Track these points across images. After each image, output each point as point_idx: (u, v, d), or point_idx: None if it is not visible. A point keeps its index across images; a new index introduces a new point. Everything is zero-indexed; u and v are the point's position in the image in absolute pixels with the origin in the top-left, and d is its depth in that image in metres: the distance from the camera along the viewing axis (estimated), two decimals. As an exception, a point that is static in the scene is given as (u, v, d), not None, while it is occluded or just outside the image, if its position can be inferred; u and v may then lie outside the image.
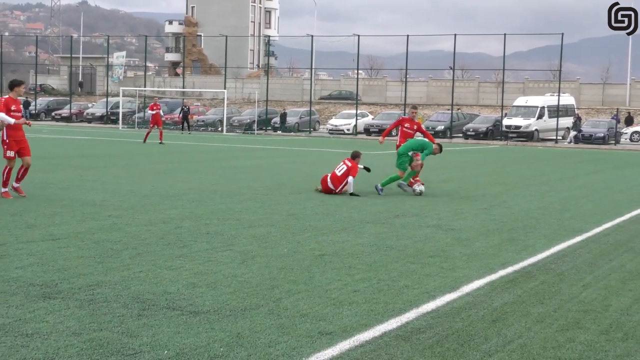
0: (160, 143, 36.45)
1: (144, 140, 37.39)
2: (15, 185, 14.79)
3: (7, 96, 14.88)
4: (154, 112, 37.75)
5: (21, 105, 15.20)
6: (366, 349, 6.06)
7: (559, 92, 55.01)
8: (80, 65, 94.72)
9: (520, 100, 56.71)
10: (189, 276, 8.35)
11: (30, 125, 15.44)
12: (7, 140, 14.75)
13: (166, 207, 13.97)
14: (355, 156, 17.16)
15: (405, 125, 19.08)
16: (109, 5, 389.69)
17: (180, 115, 57.15)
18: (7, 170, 14.73)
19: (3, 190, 14.59)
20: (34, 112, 70.31)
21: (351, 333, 6.44)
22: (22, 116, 15.00)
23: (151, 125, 38.21)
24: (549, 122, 54.00)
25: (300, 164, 27.00)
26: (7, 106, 14.59)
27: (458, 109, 61.97)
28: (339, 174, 16.74)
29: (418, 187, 17.29)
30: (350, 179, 16.66)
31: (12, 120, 14.43)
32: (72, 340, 5.99)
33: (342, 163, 16.95)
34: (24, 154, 14.92)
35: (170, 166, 24.13)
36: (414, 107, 20.27)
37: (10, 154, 14.79)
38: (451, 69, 61.52)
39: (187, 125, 55.13)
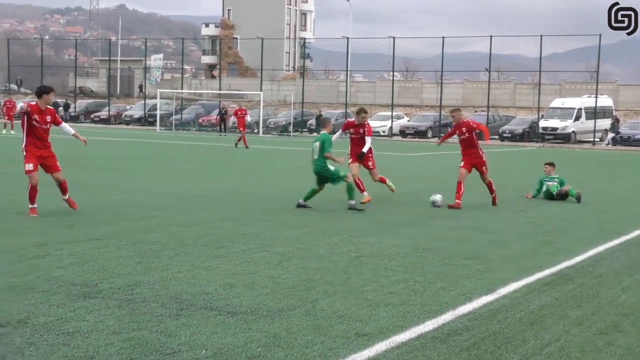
0: (235, 146, 36.23)
1: (236, 145, 36.78)
2: (64, 198, 13.14)
3: (34, 103, 12.78)
4: (239, 116, 38.25)
5: (48, 117, 12.79)
6: (402, 351, 6.05)
7: (596, 94, 54.41)
8: (119, 67, 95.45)
9: (557, 102, 56.17)
10: (227, 277, 8.39)
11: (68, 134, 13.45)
12: (25, 152, 12.66)
13: (203, 208, 14.05)
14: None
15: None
16: (146, 9, 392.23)
17: (218, 117, 57.49)
18: (30, 187, 12.62)
19: (30, 206, 12.65)
20: (73, 114, 71.01)
21: (387, 334, 6.43)
22: (48, 126, 12.83)
23: (240, 129, 38.28)
24: (586, 124, 53.40)
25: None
26: (28, 115, 12.59)
27: (494, 111, 61.57)
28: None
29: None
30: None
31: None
32: (112, 339, 6.05)
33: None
34: (50, 171, 12.93)
35: (207, 167, 24.26)
36: (456, 109, 16.87)
37: (29, 167, 12.57)
38: (487, 70, 61.16)
39: (224, 127, 55.41)
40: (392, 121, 59.26)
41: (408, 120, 61.64)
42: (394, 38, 60.73)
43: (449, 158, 34.61)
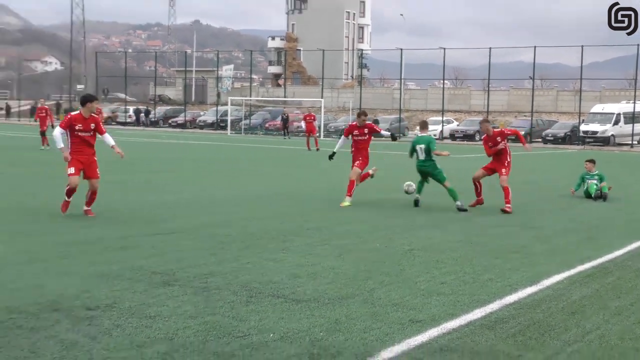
0: (310, 149, 36.21)
1: (309, 148, 36.76)
2: (85, 208, 12.16)
3: (76, 112, 12.06)
4: (308, 121, 38.31)
5: (92, 124, 12.02)
6: (453, 337, 6.01)
7: (634, 100, 53.21)
8: (194, 77, 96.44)
9: (597, 108, 55.15)
10: (292, 267, 8.43)
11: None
12: (70, 157, 12.02)
13: (269, 205, 14.13)
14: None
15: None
16: (218, 24, 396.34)
17: (281, 122, 57.77)
18: (67, 188, 12.02)
19: (65, 199, 12.07)
20: (153, 119, 72.02)
21: (439, 321, 6.39)
22: (91, 133, 12.04)
23: (307, 134, 38.29)
24: (624, 128, 52.32)
25: (389, 165, 26.88)
26: (71, 124, 11.85)
27: (537, 116, 60.68)
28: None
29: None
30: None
31: (60, 145, 11.92)
32: (189, 323, 6.12)
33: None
34: (89, 176, 12.15)
35: (273, 169, 24.39)
36: (484, 120, 15.92)
37: (71, 170, 11.95)
38: (531, 78, 60.30)
39: (287, 131, 55.64)
40: (442, 125, 58.83)
41: (457, 125, 61.14)
42: (444, 49, 60.28)
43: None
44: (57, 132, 11.90)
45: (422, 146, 14.48)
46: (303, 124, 39.69)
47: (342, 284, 7.67)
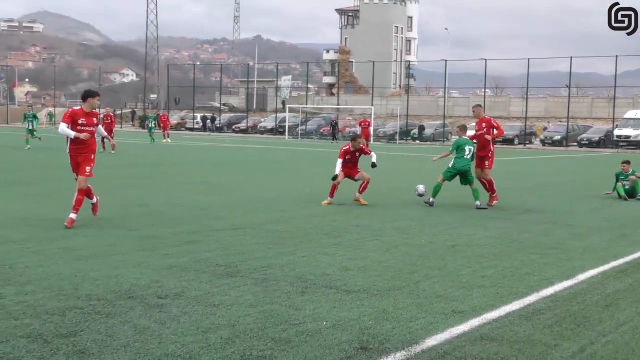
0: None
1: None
2: (70, 216, 10.40)
3: (78, 107, 10.75)
4: (363, 127, 38.51)
5: (94, 119, 10.69)
6: (493, 326, 5.91)
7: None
8: (255, 87, 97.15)
9: (630, 113, 53.89)
10: (343, 261, 8.40)
11: (88, 137, 10.51)
12: (69, 156, 10.72)
13: (321, 203, 14.10)
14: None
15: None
16: (277, 38, 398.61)
17: (330, 127, 58.11)
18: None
19: (71, 215, 10.39)
20: (218, 125, 72.67)
21: (480, 312, 6.30)
22: (94, 128, 10.65)
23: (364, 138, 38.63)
24: (657, 132, 51.09)
25: (436, 168, 26.63)
26: (73, 118, 10.48)
27: (573, 121, 59.59)
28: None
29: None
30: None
31: (72, 134, 10.41)
32: (249, 311, 6.14)
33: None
34: (78, 172, 10.62)
35: (327, 170, 24.38)
36: (477, 105, 15.72)
37: (75, 175, 10.77)
38: (567, 87, 59.22)
39: (335, 136, 55.98)
40: (483, 130, 58.13)
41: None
42: (485, 60, 59.56)
43: (532, 163, 33.75)
44: (63, 126, 10.47)
45: (471, 147, 14.32)
46: (359, 129, 40.04)
47: (390, 277, 7.62)
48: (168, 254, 8.54)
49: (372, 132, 52.92)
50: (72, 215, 10.38)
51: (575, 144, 53.53)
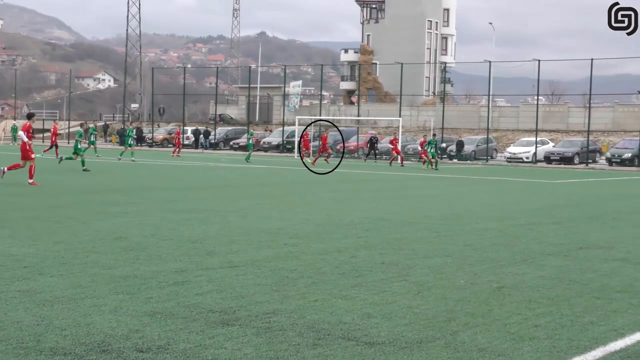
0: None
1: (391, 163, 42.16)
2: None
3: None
4: (393, 146, 43.23)
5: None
6: (549, 388, 5.87)
7: None
8: (258, 94, 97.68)
9: None
10: (364, 306, 8.38)
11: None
12: None
13: (341, 236, 14.12)
14: None
15: None
16: (286, 36, 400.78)
17: (368, 143, 58.93)
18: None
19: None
20: (213, 141, 72.96)
21: (532, 370, 6.26)
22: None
23: (395, 152, 44.55)
24: None
25: (477, 193, 26.64)
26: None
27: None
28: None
29: None
30: None
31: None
32: (249, 368, 6.13)
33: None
34: None
35: (345, 195, 24.41)
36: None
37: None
38: (639, 93, 59.13)
39: (374, 153, 56.79)
40: (536, 147, 58.12)
41: (553, 146, 60.33)
42: (539, 61, 59.71)
43: (597, 186, 33.64)
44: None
45: None
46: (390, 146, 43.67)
47: (421, 326, 7.59)
48: (151, 297, 8.55)
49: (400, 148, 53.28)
50: None
51: (650, 163, 53.31)
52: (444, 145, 58.98)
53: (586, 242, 14.16)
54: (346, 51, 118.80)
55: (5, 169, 24.53)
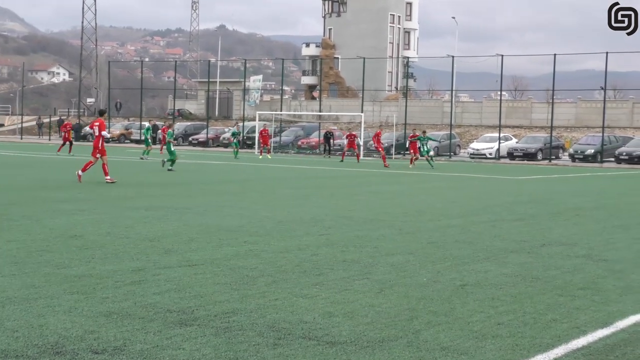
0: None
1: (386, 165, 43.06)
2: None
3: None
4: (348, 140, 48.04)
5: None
6: (511, 387, 5.91)
7: None
8: (217, 89, 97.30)
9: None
10: (325, 305, 8.39)
11: None
12: None
13: (302, 233, 14.11)
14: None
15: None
16: (246, 29, 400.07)
17: (324, 139, 58.79)
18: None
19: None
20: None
21: (495, 369, 6.30)
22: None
23: (379, 149, 46.84)
24: None
25: (440, 189, 26.77)
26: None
27: (610, 132, 60.19)
28: None
29: None
30: None
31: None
32: (208, 368, 6.10)
33: None
34: None
35: (306, 191, 24.41)
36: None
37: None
38: (602, 89, 59.89)
39: (329, 150, 56.76)
40: (499, 143, 58.57)
41: (516, 142, 60.85)
42: (502, 56, 60.15)
43: (560, 182, 34.00)
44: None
45: None
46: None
47: (383, 324, 7.61)
48: (107, 297, 8.48)
49: (360, 144, 53.43)
50: None
51: (613, 159, 54.02)
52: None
53: (549, 239, 14.30)
54: (308, 45, 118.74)
55: (80, 172, 25.14)
